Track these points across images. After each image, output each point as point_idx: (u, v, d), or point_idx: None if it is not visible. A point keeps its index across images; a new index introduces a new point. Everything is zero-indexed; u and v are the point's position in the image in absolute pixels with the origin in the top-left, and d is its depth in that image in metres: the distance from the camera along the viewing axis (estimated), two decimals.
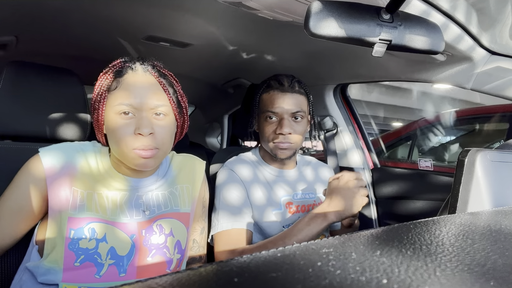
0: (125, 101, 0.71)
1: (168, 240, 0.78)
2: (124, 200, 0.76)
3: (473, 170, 0.54)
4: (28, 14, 1.09)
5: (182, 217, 0.83)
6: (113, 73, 0.74)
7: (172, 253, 0.78)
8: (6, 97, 0.91)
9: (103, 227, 0.71)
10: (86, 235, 0.69)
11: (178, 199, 0.84)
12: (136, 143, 0.70)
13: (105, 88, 0.73)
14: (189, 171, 0.90)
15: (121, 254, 0.71)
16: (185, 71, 1.72)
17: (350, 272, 0.25)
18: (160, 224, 0.78)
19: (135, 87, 0.72)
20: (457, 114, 2.80)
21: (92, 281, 0.68)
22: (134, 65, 0.74)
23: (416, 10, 0.69)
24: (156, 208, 0.80)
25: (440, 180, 1.29)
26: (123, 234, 0.73)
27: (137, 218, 0.76)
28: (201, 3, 0.98)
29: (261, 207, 0.99)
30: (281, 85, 1.01)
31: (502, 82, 0.89)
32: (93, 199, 0.73)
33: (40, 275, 0.67)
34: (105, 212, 0.73)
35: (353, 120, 1.58)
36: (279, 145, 1.00)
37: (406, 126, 3.32)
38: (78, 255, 0.67)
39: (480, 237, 0.35)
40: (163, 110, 0.74)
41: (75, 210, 0.70)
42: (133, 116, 0.71)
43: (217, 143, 2.64)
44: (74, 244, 0.68)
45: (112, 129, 0.72)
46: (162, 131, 0.74)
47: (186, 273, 0.24)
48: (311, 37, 0.53)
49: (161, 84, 0.75)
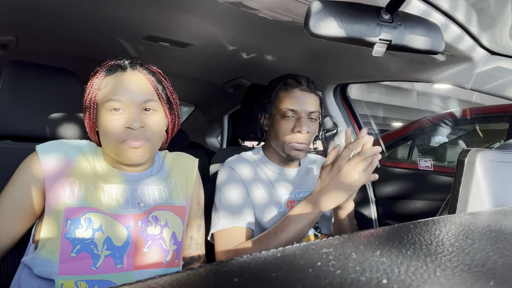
0: (114, 97, 0.74)
1: (164, 231, 0.79)
2: (120, 193, 0.78)
3: (473, 170, 0.54)
4: (28, 14, 1.09)
5: (177, 210, 0.84)
6: (104, 72, 0.77)
7: (168, 244, 0.79)
8: (6, 97, 0.91)
9: (99, 217, 0.72)
10: (83, 224, 0.70)
11: (172, 193, 0.86)
12: (126, 136, 0.74)
13: (96, 87, 0.77)
14: (182, 167, 0.93)
15: (117, 245, 0.72)
16: (185, 71, 1.72)
17: (350, 272, 0.25)
18: (156, 216, 0.80)
19: (124, 84, 0.75)
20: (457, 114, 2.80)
21: (88, 273, 0.69)
22: (123, 64, 0.78)
23: (416, 10, 0.69)
24: (151, 201, 0.81)
25: (440, 180, 1.29)
26: (119, 224, 0.74)
27: (133, 211, 0.77)
28: (201, 3, 0.98)
29: (262, 206, 0.99)
30: (299, 84, 1.00)
31: (502, 82, 0.89)
32: (90, 191, 0.74)
33: (36, 266, 0.68)
34: (101, 204, 0.74)
35: (353, 120, 1.58)
36: (294, 145, 0.99)
37: (406, 126, 3.32)
38: (75, 245, 0.68)
39: (480, 237, 0.35)
40: (152, 105, 0.77)
41: (72, 201, 0.72)
42: (123, 112, 0.74)
43: (217, 143, 2.63)
44: (71, 233, 0.69)
45: (103, 125, 0.75)
46: (152, 123, 0.77)
47: (186, 273, 0.24)
48: (311, 37, 0.53)
49: (150, 81, 0.78)
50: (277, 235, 0.84)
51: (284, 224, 0.85)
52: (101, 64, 0.79)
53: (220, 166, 1.10)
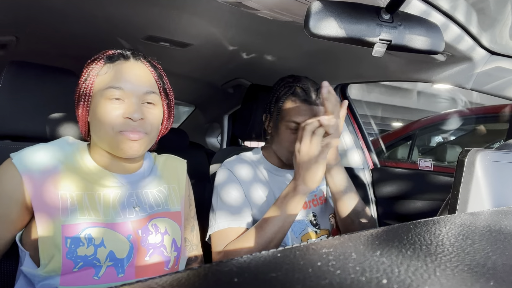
0: (115, 84, 0.69)
1: (164, 238, 0.77)
2: (116, 198, 0.74)
3: (473, 170, 0.54)
4: (28, 14, 1.09)
5: (174, 216, 0.83)
6: (104, 59, 0.73)
7: (169, 251, 0.78)
8: (6, 97, 0.91)
9: (99, 231, 0.69)
10: (84, 242, 0.66)
11: (167, 199, 0.84)
12: (124, 126, 0.69)
13: (95, 73, 0.72)
14: (173, 171, 0.90)
15: (120, 257, 0.70)
16: (185, 71, 1.72)
17: (350, 272, 0.25)
18: (155, 224, 0.77)
19: (127, 72, 0.71)
20: (457, 114, 2.80)
21: (90, 283, 0.67)
22: (125, 53, 0.75)
23: (416, 10, 0.69)
24: (148, 206, 0.78)
25: (440, 180, 1.29)
26: (120, 236, 0.71)
27: (130, 217, 0.74)
28: (201, 3, 0.98)
29: (260, 206, 0.99)
30: (308, 97, 0.98)
31: (502, 82, 0.89)
32: (84, 201, 0.70)
33: (38, 282, 0.66)
34: (98, 215, 0.70)
35: (353, 120, 1.58)
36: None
37: (406, 126, 3.33)
38: (77, 263, 0.65)
39: (480, 237, 0.35)
40: (153, 98, 0.74)
41: (67, 216, 0.67)
42: (123, 102, 0.70)
43: (217, 143, 2.63)
44: (72, 253, 0.65)
45: (99, 114, 0.70)
46: (152, 117, 0.73)
47: (186, 273, 0.24)
48: (311, 37, 0.53)
49: (152, 73, 0.76)
50: (263, 228, 0.85)
51: (269, 216, 0.85)
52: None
53: (219, 166, 1.10)
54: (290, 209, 0.84)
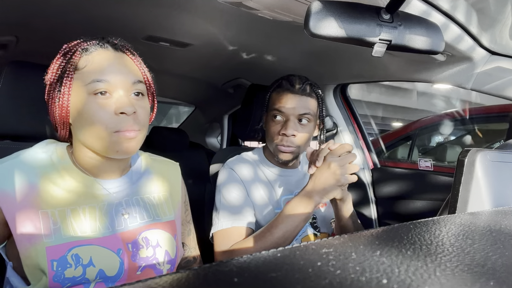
0: (100, 77, 0.62)
1: (156, 252, 0.72)
2: (104, 209, 0.68)
3: (473, 170, 0.54)
4: (28, 14, 1.09)
5: (166, 226, 0.76)
6: (79, 51, 0.66)
7: (162, 265, 0.73)
8: (6, 97, 0.91)
9: (87, 249, 0.63)
10: (71, 263, 0.61)
11: (157, 209, 0.77)
12: (119, 124, 0.62)
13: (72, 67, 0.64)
14: (164, 179, 0.82)
15: (111, 275, 0.65)
16: (185, 71, 1.72)
17: (350, 272, 0.25)
18: (146, 237, 0.72)
19: (110, 63, 0.64)
20: (457, 114, 2.80)
21: None
22: (102, 42, 0.67)
23: (416, 10, 0.69)
24: (138, 215, 0.73)
25: (440, 180, 1.29)
26: (109, 252, 0.65)
27: (119, 229, 0.69)
28: (201, 3, 0.98)
29: (262, 206, 0.99)
30: (291, 86, 0.99)
31: (502, 82, 0.89)
32: (68, 218, 0.63)
33: None
34: (84, 231, 0.64)
35: (353, 120, 1.58)
36: (281, 147, 0.99)
37: (406, 126, 3.33)
38: (65, 284, 0.60)
39: (480, 237, 0.35)
40: (141, 88, 0.67)
41: (51, 237, 0.61)
42: (110, 96, 0.63)
43: (217, 143, 2.63)
44: (59, 276, 0.60)
45: (85, 112, 0.62)
46: (143, 111, 0.67)
47: (186, 273, 0.24)
48: (311, 37, 0.53)
49: (135, 62, 0.69)
50: (272, 232, 0.84)
51: (278, 221, 0.84)
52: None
53: (220, 166, 1.10)
54: (301, 215, 0.83)
